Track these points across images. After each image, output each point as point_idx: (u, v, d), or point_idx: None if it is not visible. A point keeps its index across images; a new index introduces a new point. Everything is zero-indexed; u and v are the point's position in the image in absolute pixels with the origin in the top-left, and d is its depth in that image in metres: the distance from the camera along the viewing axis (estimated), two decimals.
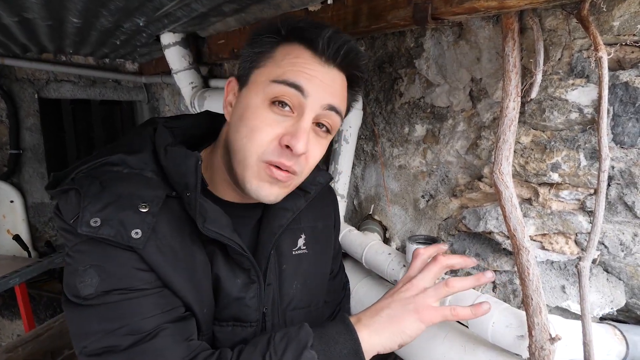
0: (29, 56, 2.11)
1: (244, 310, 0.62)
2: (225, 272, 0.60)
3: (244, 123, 0.56)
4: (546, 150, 0.75)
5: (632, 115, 0.65)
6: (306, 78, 0.54)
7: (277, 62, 0.56)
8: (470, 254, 0.93)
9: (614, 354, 0.72)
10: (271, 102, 0.55)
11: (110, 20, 1.21)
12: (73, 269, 0.53)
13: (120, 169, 0.56)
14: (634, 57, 0.64)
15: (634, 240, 0.72)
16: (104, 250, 0.52)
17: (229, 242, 0.57)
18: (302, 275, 0.70)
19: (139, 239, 0.51)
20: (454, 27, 0.89)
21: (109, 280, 0.52)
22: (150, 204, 0.53)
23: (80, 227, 0.50)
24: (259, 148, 0.55)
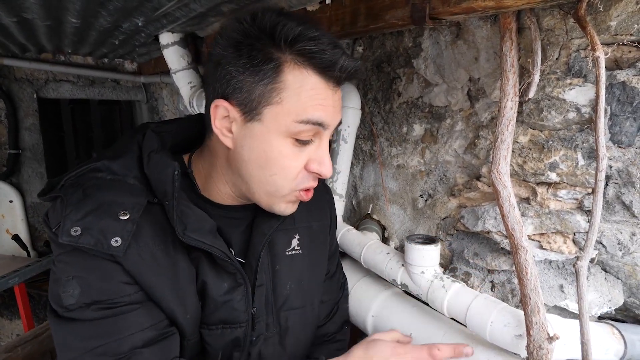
0: (27, 56, 2.11)
1: (232, 313, 0.62)
2: (212, 278, 0.60)
3: (272, 163, 0.56)
4: (544, 150, 0.75)
5: (630, 114, 0.65)
6: (325, 111, 0.55)
7: (295, 96, 0.53)
8: (468, 253, 0.94)
9: (612, 352, 0.73)
10: (295, 139, 0.56)
11: (109, 21, 1.21)
12: (57, 277, 0.54)
13: (104, 175, 0.57)
14: (632, 57, 0.64)
15: (632, 240, 0.72)
16: (86, 262, 0.53)
17: (210, 249, 0.57)
18: (296, 276, 0.70)
19: (119, 247, 0.52)
20: (451, 26, 0.89)
21: (89, 292, 0.52)
22: (131, 211, 0.54)
23: (61, 237, 0.50)
24: (292, 181, 0.58)
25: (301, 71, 0.53)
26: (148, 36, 1.46)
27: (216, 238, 0.59)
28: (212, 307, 0.61)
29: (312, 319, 0.76)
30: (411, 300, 0.97)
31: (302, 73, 0.53)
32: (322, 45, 0.52)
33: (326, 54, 0.52)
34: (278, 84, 0.53)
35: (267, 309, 0.67)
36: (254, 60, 0.52)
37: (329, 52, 0.52)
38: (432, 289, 0.86)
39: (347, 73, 0.55)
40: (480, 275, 0.93)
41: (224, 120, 0.57)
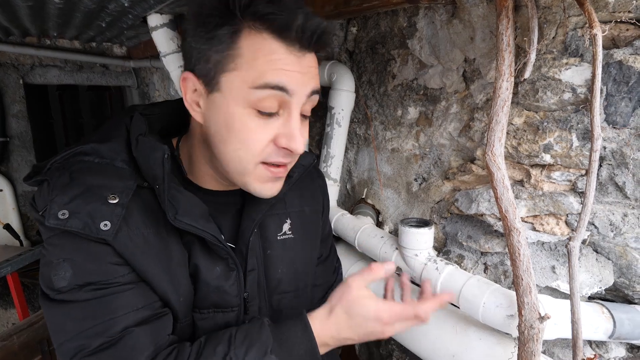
0: (11, 40, 2.04)
1: (224, 298, 0.61)
2: (204, 261, 0.60)
3: (233, 135, 0.53)
4: (539, 132, 0.75)
5: (625, 94, 0.65)
6: (287, 76, 0.51)
7: (250, 62, 0.50)
8: (462, 236, 0.94)
9: (602, 331, 0.74)
10: (257, 110, 0.52)
11: (94, 1, 1.17)
12: (47, 260, 0.53)
13: (91, 158, 0.55)
14: (629, 35, 0.63)
15: (624, 221, 0.73)
16: (76, 244, 0.52)
17: (202, 234, 0.56)
18: (288, 260, 0.70)
19: (108, 231, 0.51)
20: (447, 5, 0.87)
21: (82, 274, 0.52)
22: (120, 195, 0.53)
23: (48, 220, 0.49)
24: (257, 156, 0.54)
25: (257, 36, 0.50)
26: (136, 18, 1.41)
27: (208, 222, 0.58)
28: (204, 290, 0.60)
29: (305, 302, 0.76)
30: None
31: (257, 37, 0.50)
32: (278, 7, 0.49)
33: (282, 15, 0.49)
34: (233, 50, 0.50)
35: (259, 292, 0.67)
36: (208, 27, 0.50)
37: (286, 13, 0.49)
38: (425, 272, 0.87)
39: (311, 35, 0.51)
40: (474, 258, 0.93)
41: (193, 95, 0.55)
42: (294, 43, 0.51)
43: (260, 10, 0.49)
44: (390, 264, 0.58)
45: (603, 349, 0.82)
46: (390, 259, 0.94)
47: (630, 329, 0.74)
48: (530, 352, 0.67)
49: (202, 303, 0.61)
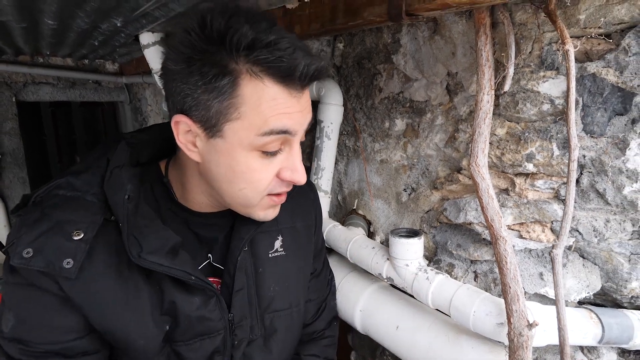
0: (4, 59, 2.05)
1: (208, 325, 0.61)
2: (180, 296, 0.58)
3: (239, 176, 0.54)
4: (521, 142, 0.77)
5: (601, 105, 0.67)
6: (290, 119, 0.52)
7: (253, 110, 0.50)
8: (452, 245, 0.95)
9: (590, 337, 0.75)
10: (262, 151, 0.53)
11: (87, 22, 1.19)
12: (3, 300, 0.54)
13: (65, 192, 0.55)
14: (601, 49, 0.66)
15: (607, 226, 0.74)
16: (27, 298, 0.52)
17: (169, 272, 0.55)
18: (280, 278, 0.70)
19: (70, 269, 0.50)
20: (428, 22, 0.90)
21: (19, 328, 0.52)
22: (85, 230, 0.52)
23: (13, 259, 0.49)
24: (263, 192, 0.56)
25: (258, 83, 0.49)
26: (128, 36, 1.43)
27: (177, 257, 0.56)
28: (187, 323, 0.59)
29: (298, 320, 0.76)
30: (397, 293, 0.99)
31: (259, 85, 0.49)
32: (278, 52, 0.48)
33: (284, 61, 0.48)
34: (235, 99, 0.49)
35: (250, 312, 0.66)
36: (206, 77, 0.49)
37: (287, 59, 0.48)
38: (416, 281, 0.87)
39: (310, 77, 0.51)
40: (464, 266, 0.94)
41: (187, 135, 0.54)
42: (296, 85, 0.51)
43: (262, 57, 0.48)
44: None
45: (594, 354, 0.83)
46: (382, 270, 0.94)
47: (619, 333, 0.74)
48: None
49: (186, 335, 0.60)
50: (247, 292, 0.65)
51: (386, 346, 0.95)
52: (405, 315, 0.92)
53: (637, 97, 0.64)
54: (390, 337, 0.92)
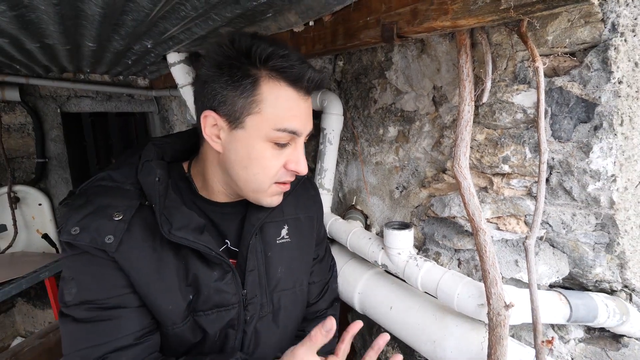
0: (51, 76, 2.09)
1: (224, 297, 0.63)
2: (202, 269, 0.61)
3: (254, 162, 0.58)
4: (498, 146, 0.77)
5: (567, 114, 0.68)
6: (300, 120, 0.57)
7: (273, 106, 0.55)
8: (438, 236, 0.96)
9: (560, 316, 0.75)
10: (274, 143, 0.57)
11: (122, 44, 1.21)
12: (63, 276, 0.56)
13: (106, 183, 0.59)
14: (567, 66, 0.66)
15: (573, 219, 0.75)
16: (83, 265, 0.55)
17: (194, 245, 0.57)
18: (286, 261, 0.71)
19: (111, 244, 0.53)
20: (417, 43, 0.91)
21: (84, 292, 0.54)
22: (124, 212, 0.55)
23: (62, 235, 0.53)
24: (273, 178, 0.60)
25: (275, 84, 0.55)
26: (157, 56, 1.46)
27: (201, 235, 0.59)
28: (206, 294, 0.61)
29: (302, 298, 0.77)
30: (391, 278, 1.00)
31: (276, 85, 0.55)
32: (291, 61, 0.54)
33: (295, 68, 0.54)
34: (256, 96, 0.54)
35: (260, 291, 0.67)
36: (234, 77, 0.54)
37: (297, 67, 0.54)
38: (407, 268, 0.88)
39: (315, 83, 0.57)
40: (449, 254, 0.95)
41: (213, 129, 0.58)
42: (302, 90, 0.57)
43: (278, 64, 0.54)
44: (329, 324, 0.52)
45: (564, 331, 0.83)
46: (377, 258, 0.95)
47: (585, 313, 0.75)
48: (499, 336, 0.68)
49: (205, 305, 0.61)
50: (258, 273, 0.67)
51: (381, 324, 0.96)
52: (398, 297, 0.92)
53: (598, 107, 0.64)
54: (385, 316, 0.93)
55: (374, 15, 0.75)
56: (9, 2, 0.78)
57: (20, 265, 1.83)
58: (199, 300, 0.61)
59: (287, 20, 0.92)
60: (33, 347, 1.23)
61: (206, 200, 0.65)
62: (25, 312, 2.52)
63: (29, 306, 2.51)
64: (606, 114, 0.63)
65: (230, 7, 0.80)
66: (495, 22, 0.58)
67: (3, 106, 2.22)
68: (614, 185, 0.67)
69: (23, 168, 2.37)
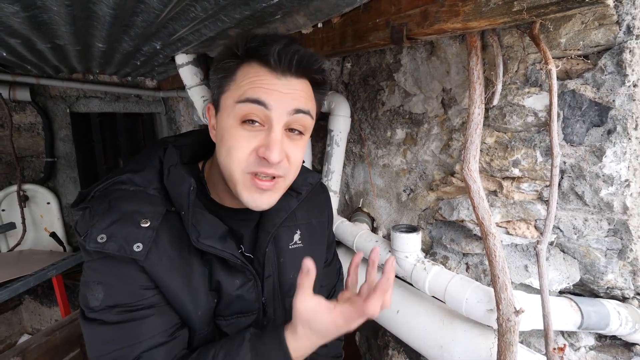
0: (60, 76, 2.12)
1: (245, 305, 0.62)
2: (225, 276, 0.60)
3: (223, 144, 0.55)
4: (508, 149, 0.77)
5: (579, 117, 0.67)
6: (266, 92, 0.52)
7: (238, 84, 0.54)
8: (446, 239, 0.95)
9: (571, 323, 0.74)
10: (242, 121, 0.53)
11: (131, 45, 1.22)
12: (85, 281, 0.54)
13: (127, 187, 0.57)
14: (579, 68, 0.66)
15: (585, 225, 0.74)
16: (110, 269, 0.53)
17: (222, 254, 0.57)
18: (298, 267, 0.69)
19: (140, 252, 0.52)
20: (426, 45, 0.90)
21: (112, 296, 0.53)
22: (151, 219, 0.54)
23: (89, 244, 0.51)
24: (240, 163, 0.54)
25: (248, 66, 0.54)
26: (165, 57, 1.47)
27: (226, 242, 0.58)
28: (228, 301, 0.61)
29: None
30: (398, 281, 0.99)
31: (248, 67, 0.54)
32: (265, 42, 0.53)
33: (267, 46, 0.52)
34: (230, 77, 0.55)
35: (274, 296, 0.67)
36: (224, 66, 0.56)
37: (270, 44, 0.52)
38: (415, 271, 0.88)
39: (289, 60, 0.52)
40: (457, 258, 0.94)
41: (211, 119, 0.59)
42: (276, 68, 0.53)
43: (253, 47, 0.54)
44: (306, 265, 0.53)
45: (574, 338, 0.82)
46: (383, 261, 0.94)
47: (597, 320, 0.73)
48: (509, 342, 0.67)
49: (226, 311, 0.61)
50: (272, 279, 0.67)
51: (387, 328, 0.95)
52: (405, 301, 0.92)
53: (612, 111, 0.63)
54: (392, 320, 0.92)
55: (383, 17, 0.75)
56: (23, 2, 0.80)
57: (28, 263, 1.85)
58: (220, 305, 0.61)
59: (295, 22, 0.93)
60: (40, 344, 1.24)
61: (219, 206, 0.64)
62: (32, 310, 2.55)
63: (36, 304, 2.53)
64: (620, 117, 0.62)
65: (240, 9, 0.81)
66: (507, 24, 0.58)
67: (14, 106, 2.25)
68: (628, 190, 0.65)
69: (32, 167, 2.40)
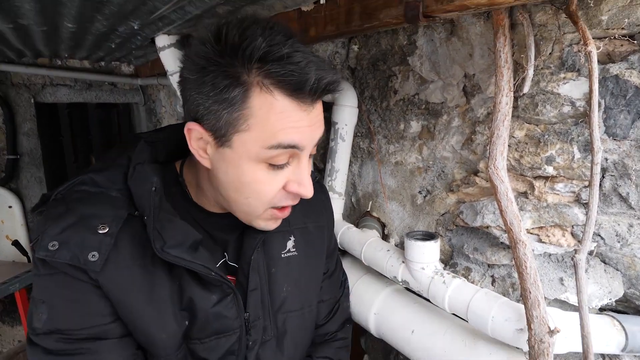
0: (24, 61, 2.12)
1: (224, 323, 0.62)
2: (198, 292, 0.59)
3: (245, 186, 0.54)
4: (540, 144, 0.76)
5: (624, 107, 0.66)
6: (298, 132, 0.51)
7: (262, 123, 0.50)
8: (468, 248, 0.95)
9: (614, 344, 0.74)
10: (268, 164, 0.53)
11: (105, 25, 1.22)
12: (32, 297, 0.54)
13: (88, 188, 0.56)
14: (624, 50, 0.65)
15: (630, 231, 0.73)
16: (57, 286, 0.52)
17: (191, 266, 0.56)
18: (292, 278, 0.70)
19: (95, 262, 0.51)
20: (445, 24, 0.90)
21: (55, 319, 0.52)
22: (110, 225, 0.53)
23: (38, 252, 0.50)
24: (268, 203, 0.56)
25: (267, 96, 0.49)
26: (144, 39, 1.47)
27: (197, 252, 0.57)
28: (203, 320, 0.60)
29: (311, 321, 0.76)
30: (412, 296, 0.99)
31: (268, 98, 0.49)
32: (290, 65, 0.48)
33: (294, 75, 0.48)
34: (244, 110, 0.50)
35: (263, 312, 0.67)
36: (217, 88, 0.49)
37: (298, 73, 0.48)
38: (432, 285, 0.87)
39: (322, 90, 0.50)
40: (481, 270, 0.94)
41: (199, 142, 0.55)
42: (306, 98, 0.51)
43: (273, 71, 0.48)
44: None
45: None
46: (397, 273, 0.94)
47: None
48: None
49: (203, 332, 0.61)
50: (261, 292, 0.66)
51: (401, 350, 0.95)
52: (421, 319, 0.91)
53: None
54: (406, 341, 0.92)
55: None
56: None
57: None
58: (195, 327, 0.60)
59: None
60: None
61: (201, 210, 0.64)
62: None
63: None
64: None
65: None
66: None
67: None
68: None
69: None
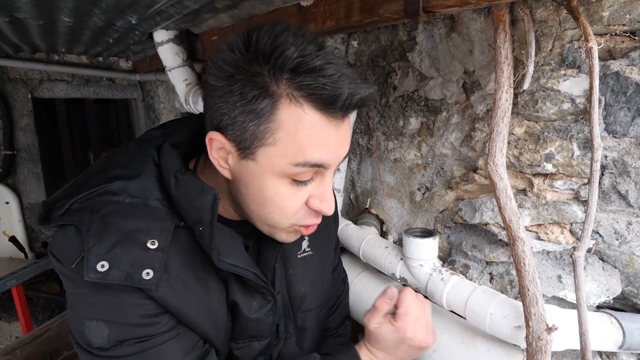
0: (21, 56, 2.11)
1: (261, 328, 0.63)
2: (242, 297, 0.60)
3: (267, 201, 0.53)
4: (540, 141, 0.76)
5: (624, 104, 0.66)
6: (327, 150, 0.50)
7: (289, 137, 0.48)
8: (467, 245, 0.95)
9: (611, 342, 0.74)
10: (292, 179, 0.52)
11: (103, 19, 1.21)
12: (78, 317, 0.51)
13: (120, 198, 0.52)
14: (625, 47, 0.65)
15: (629, 229, 0.73)
16: (110, 302, 0.50)
17: (244, 273, 0.56)
18: (310, 278, 0.71)
19: (151, 280, 0.49)
20: (445, 19, 0.90)
21: (120, 332, 0.50)
22: (159, 239, 0.50)
23: (88, 274, 0.47)
24: (290, 218, 0.55)
25: (297, 109, 0.47)
26: (142, 34, 1.46)
27: (246, 259, 0.57)
28: (243, 323, 0.61)
29: (325, 317, 0.78)
30: None
31: (297, 111, 0.47)
32: (323, 78, 0.45)
33: (327, 89, 0.45)
34: (271, 123, 0.48)
35: (284, 312, 0.67)
36: (245, 99, 0.47)
37: (331, 87, 0.45)
38: (430, 282, 0.87)
39: (354, 106, 0.48)
40: (479, 267, 0.94)
41: (220, 152, 0.53)
42: (337, 114, 0.49)
43: (304, 83, 0.46)
44: (390, 293, 0.65)
45: (613, 359, 0.82)
46: (395, 270, 0.94)
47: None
48: None
49: (240, 335, 0.62)
50: (281, 295, 0.67)
51: None
52: None
53: None
54: None
55: None
56: None
57: None
58: (235, 328, 0.61)
59: None
60: None
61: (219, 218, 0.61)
62: None
63: None
64: None
65: None
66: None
67: None
68: None
69: None
